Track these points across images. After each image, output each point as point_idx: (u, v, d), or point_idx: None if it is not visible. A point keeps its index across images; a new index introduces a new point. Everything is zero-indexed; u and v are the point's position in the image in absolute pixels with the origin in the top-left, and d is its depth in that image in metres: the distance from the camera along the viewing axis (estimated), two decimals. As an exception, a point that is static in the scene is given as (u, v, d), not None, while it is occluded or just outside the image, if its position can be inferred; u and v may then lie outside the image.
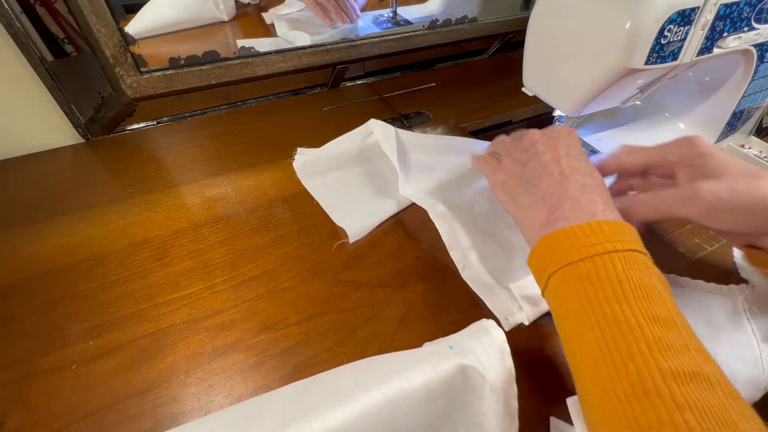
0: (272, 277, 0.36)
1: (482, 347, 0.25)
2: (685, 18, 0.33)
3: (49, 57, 0.46)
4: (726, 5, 0.35)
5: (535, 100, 0.44)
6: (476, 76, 0.70)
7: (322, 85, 0.64)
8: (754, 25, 0.39)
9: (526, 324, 0.33)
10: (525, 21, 0.41)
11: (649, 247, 0.26)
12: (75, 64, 0.54)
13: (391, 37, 0.58)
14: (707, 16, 0.34)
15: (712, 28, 0.36)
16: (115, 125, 0.51)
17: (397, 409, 0.22)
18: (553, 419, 0.28)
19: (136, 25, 0.48)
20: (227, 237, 0.39)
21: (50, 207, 0.42)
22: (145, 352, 0.31)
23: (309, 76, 0.61)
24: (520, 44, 0.43)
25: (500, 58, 0.76)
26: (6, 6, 0.40)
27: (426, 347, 0.26)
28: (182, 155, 0.49)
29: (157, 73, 0.46)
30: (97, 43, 0.41)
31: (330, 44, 0.54)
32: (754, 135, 0.54)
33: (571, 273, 0.25)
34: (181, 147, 0.50)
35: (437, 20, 0.60)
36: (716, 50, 0.38)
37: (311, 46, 0.53)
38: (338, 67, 0.59)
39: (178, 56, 0.46)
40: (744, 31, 0.38)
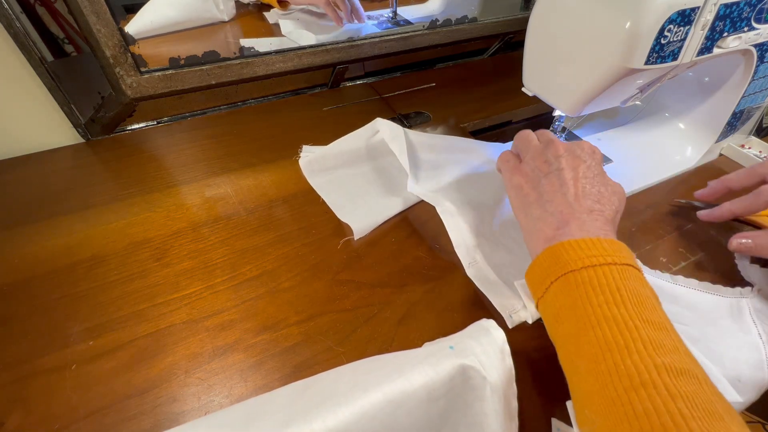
0: (272, 277, 0.36)
1: (482, 347, 0.25)
2: (685, 18, 0.33)
3: (49, 57, 0.46)
4: (726, 5, 0.35)
5: (535, 100, 0.44)
6: (476, 76, 0.70)
7: (322, 85, 0.64)
8: (754, 25, 0.39)
9: (530, 322, 0.33)
10: (525, 21, 0.41)
11: (651, 247, 0.27)
12: (75, 64, 0.54)
13: (391, 37, 0.58)
14: (707, 16, 0.34)
15: (712, 28, 0.36)
16: (115, 125, 0.51)
17: (398, 409, 0.22)
18: (554, 420, 0.28)
19: (136, 25, 0.48)
20: (227, 237, 0.39)
21: (50, 207, 0.42)
22: (145, 352, 0.31)
23: (309, 76, 0.61)
24: (520, 44, 0.43)
25: (500, 58, 0.76)
26: (6, 6, 0.40)
27: (426, 347, 0.26)
28: (182, 155, 0.49)
29: (157, 73, 0.46)
30: (97, 43, 0.41)
31: (330, 44, 0.54)
32: (754, 135, 0.54)
33: (573, 279, 0.27)
34: (181, 147, 0.50)
35: (437, 20, 0.60)
36: (716, 50, 0.38)
37: (311, 46, 0.53)
38: (338, 67, 0.59)
39: (178, 56, 0.46)
40: (744, 31, 0.38)
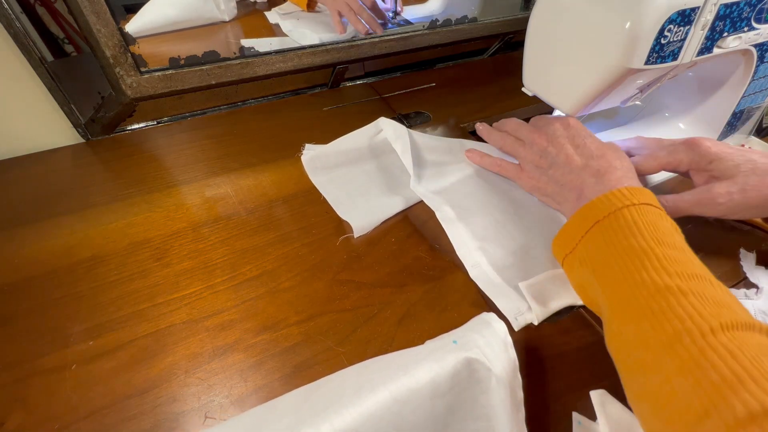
0: (272, 277, 0.36)
1: (485, 339, 0.25)
2: (685, 18, 0.33)
3: (49, 57, 0.46)
4: (726, 5, 0.35)
5: (535, 100, 0.45)
6: (476, 76, 0.70)
7: (322, 85, 0.64)
8: (754, 25, 0.39)
9: (536, 324, 0.33)
10: (525, 21, 0.41)
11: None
12: (75, 64, 0.54)
13: (391, 37, 0.58)
14: (707, 16, 0.34)
15: (712, 28, 0.36)
16: (115, 125, 0.51)
17: (405, 407, 0.22)
18: (575, 414, 0.28)
19: (137, 24, 0.48)
20: (227, 237, 0.39)
21: (50, 207, 0.42)
22: (145, 352, 0.31)
23: (309, 76, 0.61)
24: (520, 44, 0.43)
25: (500, 58, 0.76)
26: (6, 6, 0.40)
27: (428, 344, 0.26)
28: (182, 155, 0.49)
29: (157, 73, 0.45)
30: (97, 43, 0.41)
31: (330, 44, 0.54)
32: (754, 135, 0.54)
33: (598, 229, 0.31)
34: (181, 147, 0.50)
35: (437, 20, 0.60)
36: (716, 50, 0.38)
37: (311, 46, 0.53)
38: (338, 67, 0.59)
39: (178, 56, 0.46)
40: (744, 31, 0.38)
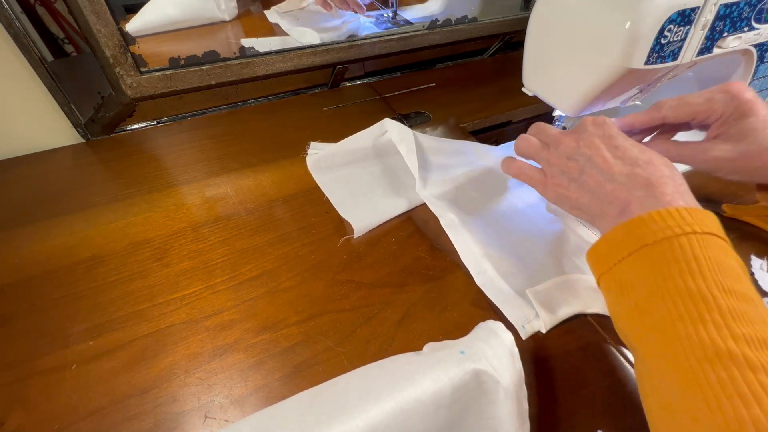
0: (272, 277, 0.36)
1: (493, 350, 0.25)
2: (685, 18, 0.33)
3: (49, 57, 0.46)
4: (726, 5, 0.35)
5: (535, 100, 0.44)
6: (476, 76, 0.70)
7: (322, 85, 0.64)
8: (754, 25, 0.39)
9: (544, 332, 0.33)
10: (525, 21, 0.41)
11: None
12: (75, 64, 0.54)
13: (391, 37, 0.58)
14: (707, 16, 0.34)
15: (712, 28, 0.36)
16: (115, 125, 0.51)
17: (411, 417, 0.22)
18: None
19: (136, 24, 0.48)
20: (227, 237, 0.39)
21: (50, 207, 0.42)
22: (145, 352, 0.31)
23: (309, 76, 0.61)
24: (520, 44, 0.43)
25: (500, 58, 0.76)
26: (6, 6, 0.40)
27: (434, 353, 0.26)
28: (182, 155, 0.49)
29: (157, 73, 0.45)
30: (97, 43, 0.41)
31: (330, 44, 0.54)
32: (754, 135, 0.54)
33: (647, 254, 0.25)
34: (181, 147, 0.50)
35: (437, 20, 0.60)
36: (716, 50, 0.38)
37: (311, 46, 0.53)
38: (338, 67, 0.59)
39: (178, 56, 0.46)
40: (744, 31, 0.38)
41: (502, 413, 0.24)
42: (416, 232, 0.41)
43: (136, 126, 0.53)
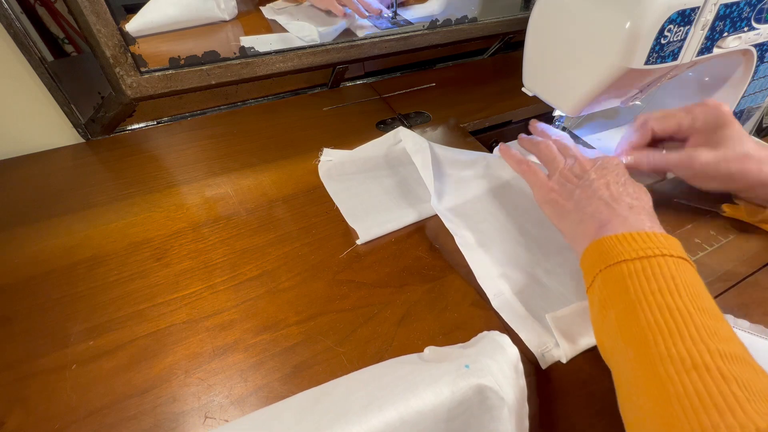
0: (272, 277, 0.36)
1: (498, 365, 0.24)
2: (685, 18, 0.33)
3: (49, 57, 0.46)
4: (726, 5, 0.35)
5: (535, 100, 0.44)
6: (476, 76, 0.70)
7: (322, 85, 0.64)
8: (754, 25, 0.39)
9: (564, 362, 0.31)
10: (525, 21, 0.41)
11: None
12: (75, 64, 0.54)
13: (391, 37, 0.58)
14: (707, 16, 0.34)
15: (712, 28, 0.36)
16: (115, 125, 0.51)
17: (412, 429, 0.22)
18: None
19: (137, 23, 0.48)
20: (227, 237, 0.39)
21: (50, 207, 0.42)
22: (145, 352, 0.31)
23: (309, 76, 0.61)
24: (520, 44, 0.43)
25: (500, 58, 0.76)
26: (6, 6, 0.40)
27: (439, 365, 0.25)
28: (182, 155, 0.49)
29: (157, 73, 0.45)
30: (97, 43, 0.41)
31: (330, 44, 0.54)
32: (754, 135, 0.54)
33: (625, 268, 0.27)
34: (181, 147, 0.50)
35: (437, 20, 0.60)
36: (716, 50, 0.38)
37: (311, 46, 0.53)
38: (338, 67, 0.59)
39: (178, 56, 0.46)
40: (744, 31, 0.38)
41: (503, 430, 0.23)
42: (416, 232, 0.41)
43: (136, 126, 0.53)
